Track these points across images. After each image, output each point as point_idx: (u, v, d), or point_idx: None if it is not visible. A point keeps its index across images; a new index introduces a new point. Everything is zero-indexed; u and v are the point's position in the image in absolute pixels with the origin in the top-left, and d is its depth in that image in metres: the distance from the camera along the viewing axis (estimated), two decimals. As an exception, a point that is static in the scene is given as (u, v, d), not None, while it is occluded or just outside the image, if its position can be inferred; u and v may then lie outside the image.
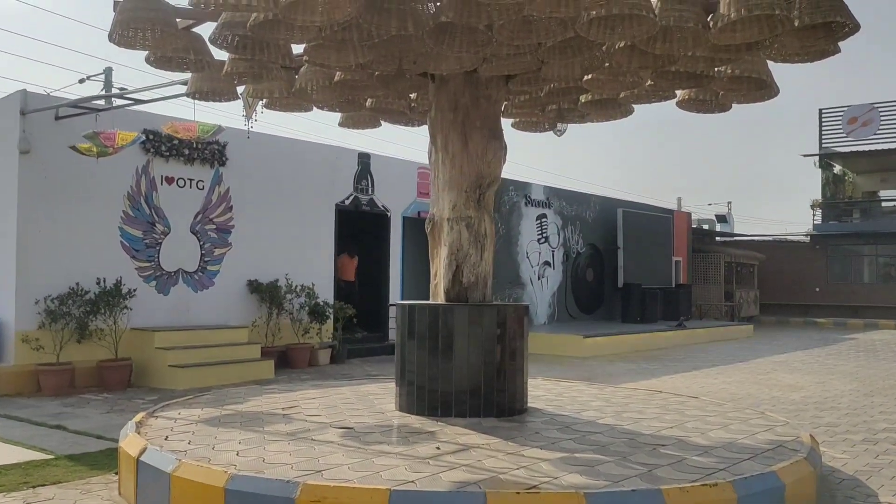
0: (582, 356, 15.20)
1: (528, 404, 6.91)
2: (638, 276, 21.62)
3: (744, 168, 65.66)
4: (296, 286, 13.24)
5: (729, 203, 35.15)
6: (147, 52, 6.28)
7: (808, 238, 30.98)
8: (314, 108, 8.03)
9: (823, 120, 30.42)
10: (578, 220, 21.48)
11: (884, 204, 32.02)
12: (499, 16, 5.05)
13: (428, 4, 5.12)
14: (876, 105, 29.19)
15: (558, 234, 20.72)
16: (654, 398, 7.74)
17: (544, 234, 20.21)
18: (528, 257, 19.53)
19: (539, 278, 19.96)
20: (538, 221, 20.01)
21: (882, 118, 29.08)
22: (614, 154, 70.97)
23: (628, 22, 5.18)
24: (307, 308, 13.35)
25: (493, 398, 6.41)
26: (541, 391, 8.00)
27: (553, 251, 20.52)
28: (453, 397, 6.36)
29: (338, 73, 6.76)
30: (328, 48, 5.97)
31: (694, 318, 23.84)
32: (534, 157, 66.48)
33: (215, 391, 8.43)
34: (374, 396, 7.51)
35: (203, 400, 7.39)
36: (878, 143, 29.10)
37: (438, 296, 6.84)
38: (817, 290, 29.78)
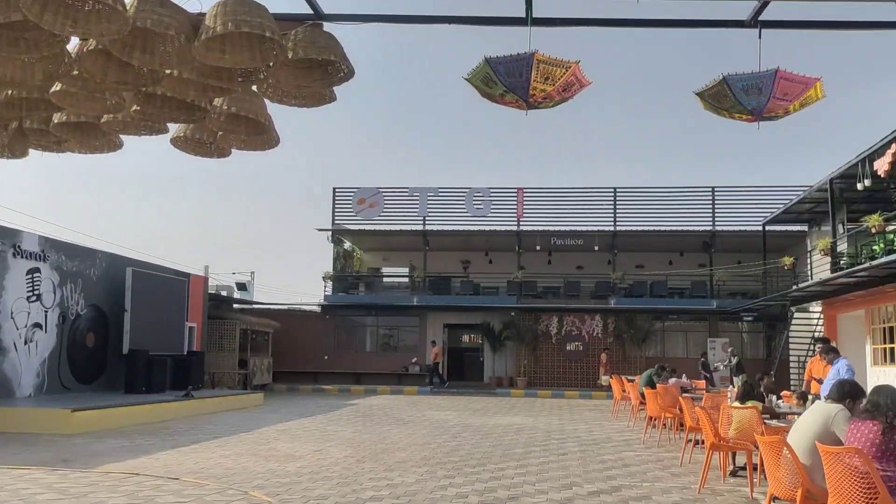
0: (70, 433, 13.03)
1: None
2: (146, 341, 19.88)
3: (266, 238, 67.34)
4: None
5: (252, 273, 35.22)
6: None
7: (320, 308, 32.48)
8: None
9: (337, 198, 32.60)
10: (81, 277, 19.05)
11: (385, 279, 35.30)
12: None
13: None
14: (381, 189, 32.28)
15: (54, 293, 18.05)
16: (126, 484, 6.52)
17: (36, 292, 17.42)
18: (13, 318, 16.53)
19: (26, 343, 17.02)
20: (29, 276, 17.17)
21: (385, 201, 32.23)
22: (129, 208, 66.12)
23: (95, 17, 4.19)
24: None
25: None
26: (-25, 485, 6.18)
27: (46, 312, 17.76)
28: None
29: None
30: None
31: (206, 387, 22.78)
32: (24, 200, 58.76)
33: None
34: None
35: None
36: (382, 223, 32.12)
37: None
38: (326, 357, 31.23)
